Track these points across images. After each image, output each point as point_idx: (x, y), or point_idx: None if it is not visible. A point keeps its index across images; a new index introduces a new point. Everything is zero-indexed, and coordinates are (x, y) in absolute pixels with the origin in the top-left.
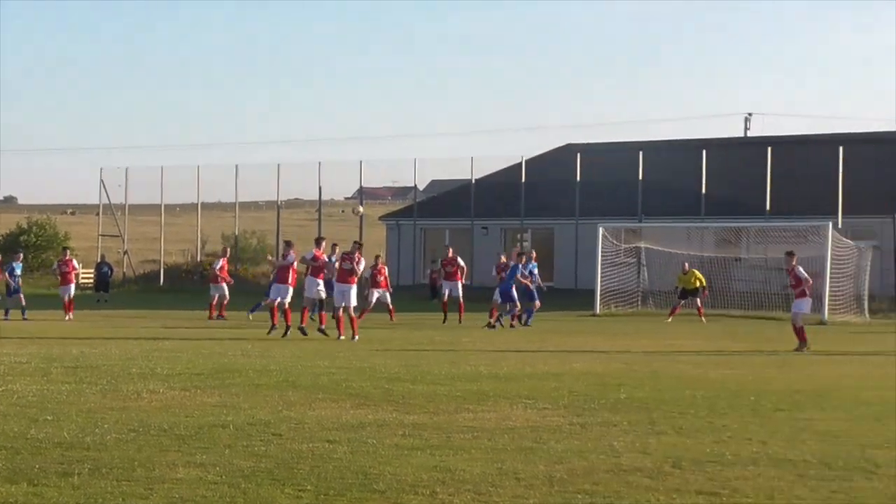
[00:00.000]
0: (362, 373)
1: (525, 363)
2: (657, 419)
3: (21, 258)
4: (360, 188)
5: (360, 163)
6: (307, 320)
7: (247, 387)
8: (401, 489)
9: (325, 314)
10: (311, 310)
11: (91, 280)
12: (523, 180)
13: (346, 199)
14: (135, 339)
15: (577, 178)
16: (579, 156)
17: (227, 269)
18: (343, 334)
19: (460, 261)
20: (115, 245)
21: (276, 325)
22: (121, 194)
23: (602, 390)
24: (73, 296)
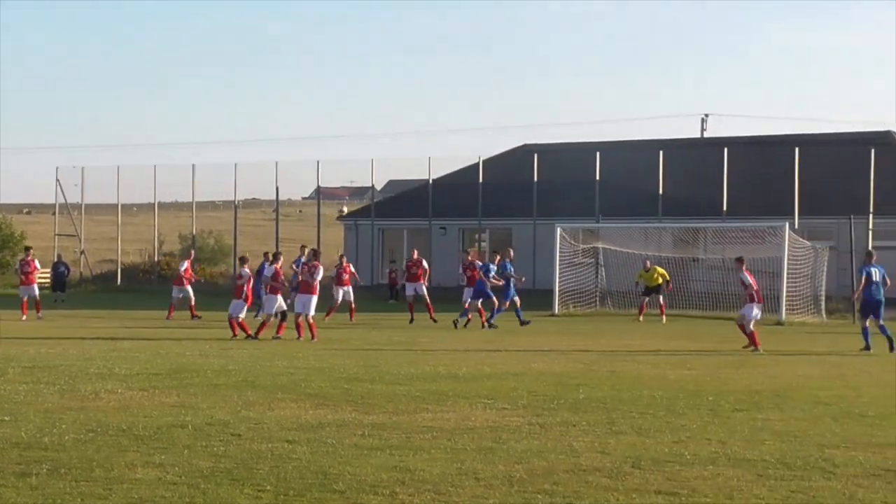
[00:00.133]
0: (322, 373)
1: (484, 363)
2: (616, 419)
3: None
4: (318, 188)
5: (318, 163)
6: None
7: (205, 387)
8: (361, 489)
9: (283, 324)
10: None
11: (48, 280)
12: (481, 180)
13: (304, 198)
14: (92, 340)
15: (535, 179)
16: (536, 156)
17: (191, 270)
18: (302, 336)
19: (425, 263)
20: (72, 245)
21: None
22: (77, 194)
23: (561, 390)
24: (30, 295)
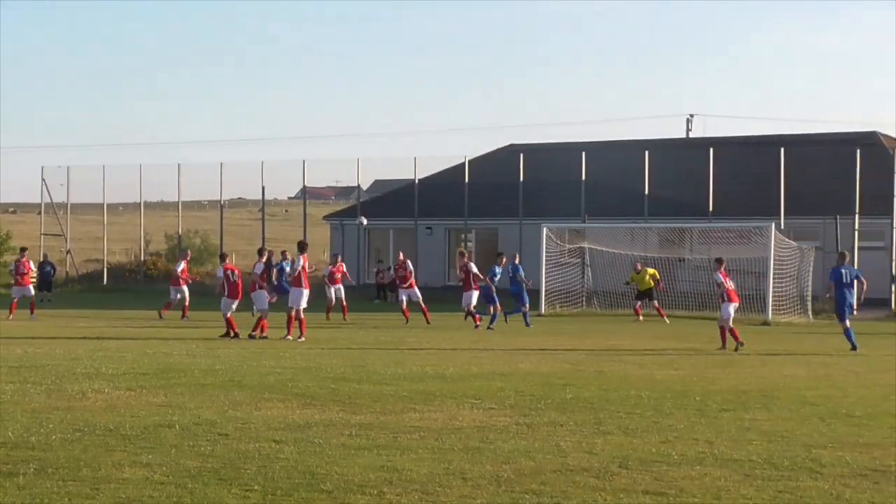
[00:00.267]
0: (309, 372)
1: (472, 363)
2: (604, 419)
3: None
4: (304, 188)
5: (304, 162)
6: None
7: (193, 386)
8: (348, 489)
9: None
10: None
11: (34, 280)
12: (467, 180)
13: (290, 198)
14: (79, 339)
15: (521, 179)
16: (522, 156)
17: (187, 270)
18: (291, 335)
19: (409, 265)
20: (58, 244)
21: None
22: (63, 193)
23: (549, 390)
24: (25, 296)
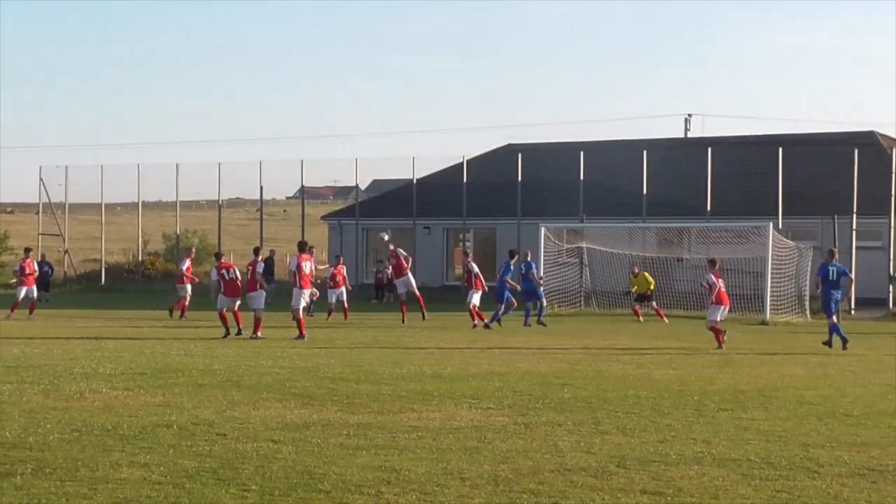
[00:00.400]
0: (307, 372)
1: (469, 363)
2: (602, 419)
3: None
4: (302, 187)
5: (302, 162)
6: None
7: (190, 386)
8: (346, 489)
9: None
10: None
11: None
12: (465, 180)
13: (288, 198)
14: (77, 339)
15: (519, 179)
16: (520, 156)
17: (192, 269)
18: (305, 334)
19: (400, 252)
20: (56, 244)
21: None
22: (61, 193)
23: (546, 390)
24: (26, 296)
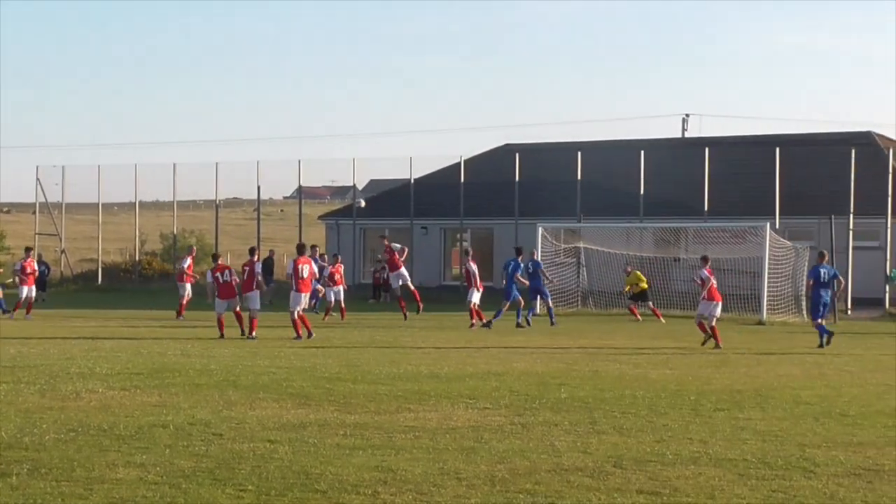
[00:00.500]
0: (303, 372)
1: (466, 363)
2: (598, 419)
3: None
4: (300, 187)
5: (299, 162)
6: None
7: (187, 386)
8: (342, 489)
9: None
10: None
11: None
12: (462, 180)
13: (285, 198)
14: (73, 339)
15: (517, 178)
16: (518, 156)
17: (193, 267)
18: (301, 335)
19: (394, 246)
20: (53, 244)
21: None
22: (58, 193)
23: (543, 390)
24: (28, 296)
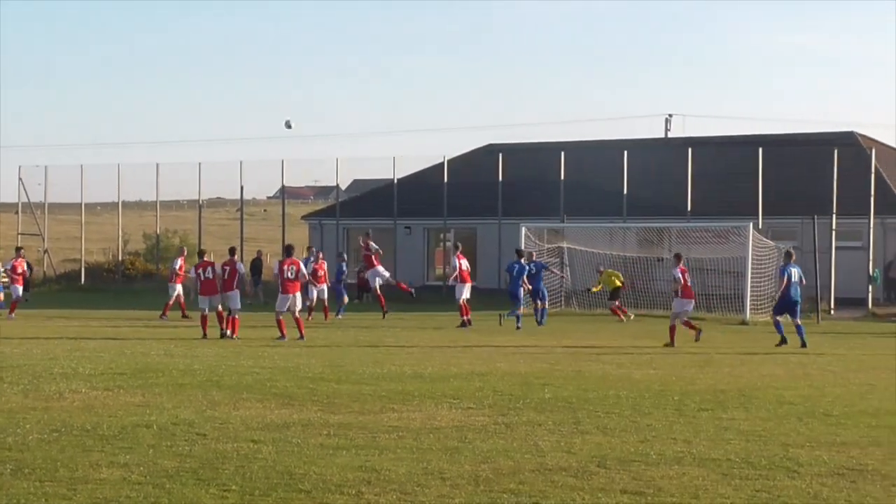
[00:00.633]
0: (287, 372)
1: (450, 363)
2: (582, 419)
3: None
4: (283, 187)
5: (282, 162)
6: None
7: (170, 386)
8: (326, 489)
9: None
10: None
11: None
12: (445, 180)
13: (269, 198)
14: (57, 339)
15: (500, 178)
16: (501, 156)
17: (185, 268)
18: (285, 335)
19: (372, 246)
20: (36, 244)
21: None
22: (40, 193)
23: (527, 390)
24: (17, 296)
